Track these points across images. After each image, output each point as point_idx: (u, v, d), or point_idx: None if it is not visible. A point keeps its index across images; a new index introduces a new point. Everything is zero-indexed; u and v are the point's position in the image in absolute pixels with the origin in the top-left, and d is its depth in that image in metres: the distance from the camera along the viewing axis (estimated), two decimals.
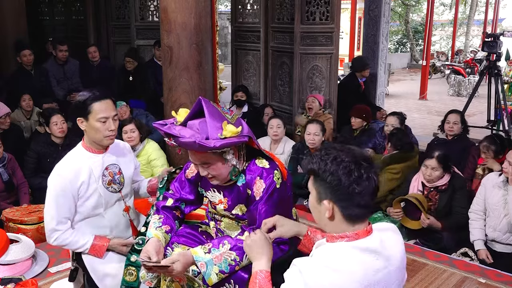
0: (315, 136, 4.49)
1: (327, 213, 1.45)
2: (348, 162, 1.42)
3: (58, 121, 4.38)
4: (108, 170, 2.45)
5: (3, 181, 4.09)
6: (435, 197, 3.81)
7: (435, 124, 6.36)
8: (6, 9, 6.28)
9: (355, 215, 1.45)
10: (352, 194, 1.41)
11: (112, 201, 2.49)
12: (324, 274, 1.37)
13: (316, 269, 1.39)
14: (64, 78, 6.47)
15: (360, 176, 1.41)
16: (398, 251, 1.51)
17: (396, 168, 4.26)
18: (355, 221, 1.46)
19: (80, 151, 2.44)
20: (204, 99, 2.03)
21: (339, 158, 1.43)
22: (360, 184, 1.40)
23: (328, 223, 1.48)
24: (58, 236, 2.37)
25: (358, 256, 1.41)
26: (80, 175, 2.37)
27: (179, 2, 4.10)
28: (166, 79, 4.37)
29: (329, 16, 5.70)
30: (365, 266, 1.40)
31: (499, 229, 3.42)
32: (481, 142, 4.17)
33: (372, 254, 1.43)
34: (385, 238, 1.50)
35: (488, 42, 6.42)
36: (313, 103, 5.56)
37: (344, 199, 1.42)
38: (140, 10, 7.00)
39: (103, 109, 2.33)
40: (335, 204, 1.44)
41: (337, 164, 1.42)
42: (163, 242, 2.15)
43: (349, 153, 1.46)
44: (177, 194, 2.32)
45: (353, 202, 1.42)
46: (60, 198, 2.34)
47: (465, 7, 24.05)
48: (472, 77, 12.80)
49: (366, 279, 1.39)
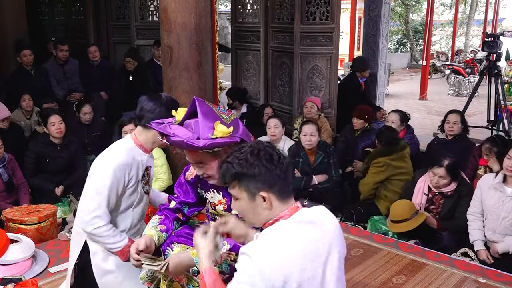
0: (311, 136, 4.48)
1: (266, 204, 1.54)
2: (264, 149, 1.55)
3: (55, 121, 4.38)
4: (147, 171, 2.51)
5: (3, 181, 4.09)
6: (440, 201, 3.82)
7: (435, 124, 6.36)
8: (6, 9, 6.27)
9: (287, 192, 1.57)
10: (280, 175, 1.53)
11: (141, 201, 2.53)
12: (272, 253, 1.45)
13: (264, 250, 1.46)
14: (64, 78, 6.46)
15: (279, 157, 1.55)
16: (330, 221, 1.61)
17: (380, 162, 4.36)
18: (286, 199, 1.57)
19: (131, 146, 2.42)
20: (198, 99, 2.04)
21: (255, 150, 1.55)
22: (283, 164, 1.54)
23: (264, 214, 1.56)
24: (100, 225, 2.32)
25: (297, 229, 1.52)
26: (132, 169, 2.39)
27: (179, 2, 4.10)
28: (166, 79, 4.37)
29: (329, 16, 5.69)
30: (306, 237, 1.50)
31: (499, 232, 3.41)
32: (483, 144, 4.17)
33: (308, 225, 1.54)
34: (315, 211, 1.61)
35: (488, 42, 6.41)
36: (311, 109, 5.48)
37: (276, 182, 1.53)
38: (140, 10, 7.00)
39: None
40: (270, 191, 1.53)
41: (257, 156, 1.53)
42: (156, 240, 2.18)
43: (259, 144, 1.59)
44: (179, 197, 2.33)
45: (285, 181, 1.55)
46: (113, 188, 2.33)
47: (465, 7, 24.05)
48: (472, 77, 12.79)
49: (309, 249, 1.49)
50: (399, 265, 3.27)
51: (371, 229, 4.09)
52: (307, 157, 4.60)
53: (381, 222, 4.12)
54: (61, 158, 4.47)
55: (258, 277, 1.43)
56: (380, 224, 4.08)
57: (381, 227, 4.05)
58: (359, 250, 3.49)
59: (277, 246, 1.46)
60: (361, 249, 3.51)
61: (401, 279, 3.09)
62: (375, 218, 4.17)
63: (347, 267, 3.21)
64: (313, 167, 4.60)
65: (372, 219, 4.18)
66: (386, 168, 4.33)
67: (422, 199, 3.88)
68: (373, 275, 3.14)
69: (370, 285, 3.02)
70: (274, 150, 1.57)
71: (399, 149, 4.43)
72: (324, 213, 1.63)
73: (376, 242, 3.62)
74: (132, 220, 2.51)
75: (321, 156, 4.58)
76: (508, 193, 3.38)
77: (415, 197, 3.93)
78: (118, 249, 2.38)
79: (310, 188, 4.56)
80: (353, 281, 3.06)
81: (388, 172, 4.33)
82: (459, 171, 3.84)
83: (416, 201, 3.91)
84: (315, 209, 1.63)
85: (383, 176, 4.34)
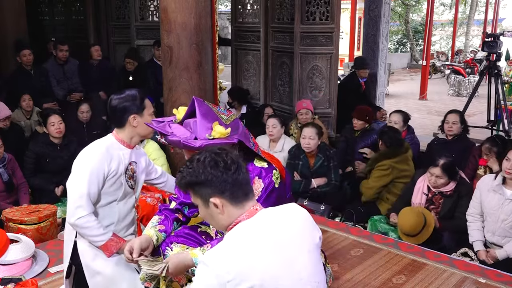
0: (310, 140, 4.46)
1: (218, 209, 1.55)
2: (209, 156, 1.55)
3: (55, 121, 4.38)
4: (131, 165, 2.53)
5: (3, 181, 4.09)
6: (439, 201, 3.82)
7: (435, 124, 6.36)
8: (6, 9, 6.27)
9: (240, 196, 1.56)
10: (227, 181, 1.53)
11: (126, 195, 2.55)
12: (227, 255, 1.44)
13: (219, 255, 1.46)
14: (64, 78, 6.46)
15: (225, 162, 1.54)
16: (294, 219, 1.60)
17: (385, 164, 4.32)
18: (242, 202, 1.56)
19: (112, 141, 2.48)
20: (197, 99, 2.04)
21: (201, 158, 1.56)
22: (230, 168, 1.53)
23: (222, 219, 1.58)
24: (83, 215, 2.32)
25: (254, 229, 1.51)
26: (112, 161, 2.41)
27: (179, 2, 4.10)
28: (166, 79, 4.37)
29: (329, 16, 5.70)
30: (264, 236, 1.49)
31: (498, 234, 3.41)
32: (483, 144, 4.17)
33: (268, 224, 1.53)
34: (277, 210, 1.61)
35: (488, 42, 6.41)
36: (306, 115, 5.39)
37: (225, 188, 1.53)
38: (140, 10, 7.00)
39: (149, 104, 2.50)
40: (221, 197, 1.54)
41: (202, 163, 1.55)
42: (154, 240, 2.19)
43: (207, 151, 1.59)
44: (180, 198, 2.33)
45: (233, 186, 1.54)
46: (93, 176, 2.34)
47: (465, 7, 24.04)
48: (472, 77, 12.79)
49: (269, 248, 1.47)
50: (399, 265, 3.26)
51: (371, 229, 4.08)
52: (307, 160, 4.59)
53: (381, 221, 4.12)
54: (61, 158, 4.47)
55: (215, 281, 1.43)
56: (380, 224, 4.08)
57: (381, 227, 4.05)
58: (359, 250, 3.49)
59: (233, 248, 1.46)
60: (361, 249, 3.51)
61: (401, 279, 3.09)
62: (375, 218, 4.17)
63: (347, 267, 3.22)
64: (312, 170, 4.58)
65: (372, 219, 4.18)
66: (390, 172, 4.28)
67: (422, 199, 3.88)
68: (373, 275, 3.14)
69: (370, 285, 3.02)
70: (219, 156, 1.55)
71: (403, 151, 4.41)
72: (286, 209, 1.63)
73: (376, 242, 3.62)
74: (118, 214, 2.52)
75: (321, 160, 4.57)
76: (507, 195, 3.37)
77: (415, 197, 3.93)
78: (101, 242, 2.38)
79: (309, 191, 4.55)
80: (353, 281, 3.06)
81: (393, 176, 4.29)
82: (457, 170, 3.82)
83: (416, 201, 3.91)
84: (279, 208, 1.63)
85: (388, 179, 4.30)
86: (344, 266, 3.24)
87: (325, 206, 4.39)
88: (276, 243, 1.50)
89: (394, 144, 4.38)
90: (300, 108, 5.46)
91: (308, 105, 5.46)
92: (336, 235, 3.74)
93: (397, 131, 4.61)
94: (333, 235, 3.75)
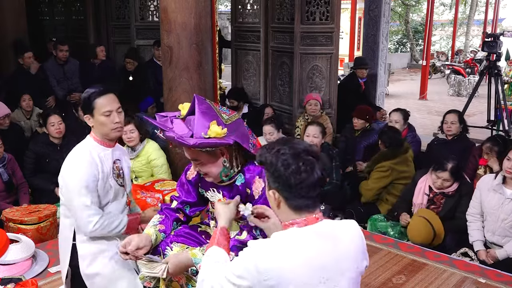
0: (314, 138, 4.47)
1: (274, 202, 1.56)
2: (288, 155, 1.51)
3: (55, 121, 4.38)
4: (115, 164, 2.50)
5: (3, 181, 4.09)
6: (440, 201, 3.82)
7: (435, 124, 6.36)
8: (6, 9, 6.28)
9: (299, 205, 1.53)
10: (291, 186, 1.50)
11: (118, 194, 2.54)
12: (274, 257, 1.45)
13: (268, 251, 1.47)
14: (64, 78, 6.46)
15: (298, 168, 1.49)
16: (349, 238, 1.57)
17: (385, 166, 4.32)
18: (301, 211, 1.54)
19: (92, 144, 2.46)
20: (198, 97, 2.05)
21: (281, 151, 1.53)
22: (298, 177, 1.49)
23: (277, 211, 1.60)
24: (97, 220, 2.34)
25: (307, 238, 1.49)
26: (99, 165, 2.40)
27: (179, 2, 4.10)
28: (166, 79, 4.37)
29: (329, 16, 5.69)
30: (314, 248, 1.48)
31: (498, 233, 3.41)
32: (484, 144, 4.17)
33: (321, 237, 1.51)
34: (335, 225, 1.59)
35: (488, 42, 6.41)
36: (315, 106, 5.45)
37: (285, 189, 1.52)
38: (140, 10, 7.01)
39: (106, 103, 2.38)
40: (279, 193, 1.54)
41: (276, 157, 1.52)
42: (153, 239, 2.19)
43: (292, 147, 1.54)
44: (181, 197, 2.33)
45: (293, 193, 1.51)
46: (90, 184, 2.34)
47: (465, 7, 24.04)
48: (472, 77, 12.78)
49: (315, 261, 1.46)
50: (399, 265, 3.26)
51: (371, 229, 4.08)
52: None
53: (380, 220, 4.11)
54: (61, 158, 4.43)
55: (252, 270, 1.45)
56: (379, 223, 4.08)
57: (380, 225, 4.04)
58: None
59: (281, 249, 1.47)
60: None
61: (401, 279, 3.09)
62: (374, 218, 4.17)
63: None
64: None
65: (372, 218, 4.18)
66: (390, 173, 4.29)
67: (424, 199, 3.88)
68: (373, 275, 3.14)
69: (370, 285, 3.01)
70: (297, 160, 1.50)
71: (403, 151, 4.40)
72: (345, 228, 1.60)
73: (376, 242, 3.62)
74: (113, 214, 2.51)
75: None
76: (507, 195, 3.37)
77: (416, 197, 3.92)
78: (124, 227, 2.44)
79: None
80: None
81: (392, 177, 4.30)
82: (462, 172, 3.84)
83: (417, 201, 3.90)
84: (338, 223, 1.61)
85: (387, 181, 4.31)
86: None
87: (325, 206, 4.39)
88: (320, 260, 1.48)
89: (394, 144, 4.38)
90: (309, 98, 5.53)
91: (317, 97, 5.54)
92: None
93: (397, 131, 4.61)
94: None
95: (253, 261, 1.46)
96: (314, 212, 1.55)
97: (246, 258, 1.50)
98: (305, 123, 5.22)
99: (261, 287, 1.45)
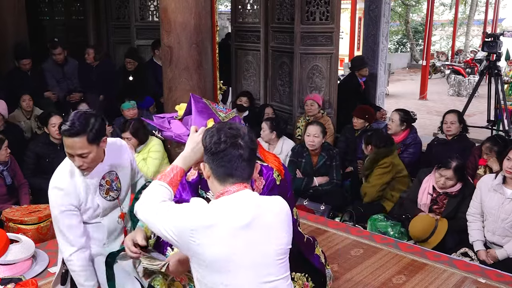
0: (315, 137, 4.48)
1: (205, 174, 1.72)
2: (214, 129, 1.69)
3: (56, 122, 4.38)
4: (105, 179, 2.37)
5: (6, 185, 4.08)
6: (443, 201, 3.82)
7: (435, 124, 6.36)
8: (6, 9, 6.26)
9: (221, 174, 1.66)
10: (213, 154, 1.65)
11: (110, 209, 2.44)
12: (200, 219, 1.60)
13: (196, 214, 1.62)
14: (64, 79, 6.46)
15: (219, 139, 1.64)
16: (273, 201, 1.71)
17: (386, 162, 4.36)
18: (225, 182, 1.67)
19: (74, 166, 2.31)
20: (194, 96, 2.06)
21: (212, 128, 1.71)
22: (218, 147, 1.64)
23: (210, 185, 1.74)
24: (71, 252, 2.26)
25: (229, 204, 1.63)
26: (77, 192, 2.29)
27: (179, 2, 4.10)
28: (166, 79, 4.37)
29: (329, 16, 5.69)
30: (235, 211, 1.61)
31: (498, 233, 3.41)
32: (484, 143, 4.17)
33: (244, 202, 1.63)
34: (263, 197, 1.73)
35: (488, 42, 6.40)
36: (312, 106, 5.46)
37: (210, 160, 1.67)
38: (140, 10, 7.00)
39: (68, 145, 2.23)
40: (208, 165, 1.69)
41: (206, 132, 1.71)
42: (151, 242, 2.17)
43: (221, 124, 1.73)
44: (177, 196, 2.32)
45: (215, 162, 1.66)
46: (67, 212, 2.26)
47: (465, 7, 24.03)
48: (472, 77, 12.77)
49: (229, 211, 1.61)
50: (399, 265, 3.27)
51: (371, 228, 4.08)
52: (310, 158, 4.61)
53: (380, 220, 4.11)
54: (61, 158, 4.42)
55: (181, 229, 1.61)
56: (379, 223, 4.08)
57: (380, 225, 4.04)
58: (359, 250, 3.49)
59: (208, 213, 1.62)
60: (361, 249, 3.51)
61: (401, 279, 3.09)
62: (374, 218, 4.17)
63: (347, 267, 3.22)
64: (315, 169, 4.59)
65: (372, 218, 4.18)
66: (391, 169, 4.34)
67: (428, 199, 3.88)
68: (373, 275, 3.14)
69: (370, 285, 3.02)
70: (220, 132, 1.65)
71: (395, 147, 4.48)
72: (271, 200, 1.72)
73: (376, 242, 3.62)
74: (108, 227, 2.44)
75: (324, 158, 4.58)
76: (507, 195, 3.37)
77: (420, 197, 3.93)
78: None
79: (311, 189, 4.56)
80: (353, 281, 3.06)
81: (392, 173, 4.35)
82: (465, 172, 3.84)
83: (421, 201, 3.91)
84: (265, 197, 1.76)
85: (389, 176, 4.35)
86: (344, 266, 3.24)
87: (325, 206, 4.40)
88: (234, 210, 1.61)
89: (385, 142, 4.42)
90: (307, 99, 5.55)
91: (314, 97, 5.54)
92: (336, 235, 3.74)
93: (380, 131, 4.66)
94: (333, 235, 3.75)
95: (183, 222, 1.61)
96: (237, 185, 1.66)
97: (180, 218, 1.63)
98: (306, 123, 5.23)
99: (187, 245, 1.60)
